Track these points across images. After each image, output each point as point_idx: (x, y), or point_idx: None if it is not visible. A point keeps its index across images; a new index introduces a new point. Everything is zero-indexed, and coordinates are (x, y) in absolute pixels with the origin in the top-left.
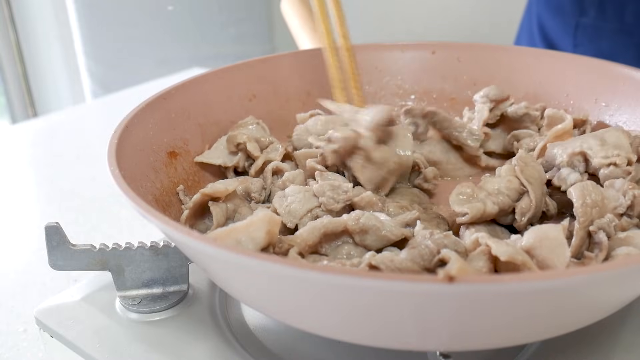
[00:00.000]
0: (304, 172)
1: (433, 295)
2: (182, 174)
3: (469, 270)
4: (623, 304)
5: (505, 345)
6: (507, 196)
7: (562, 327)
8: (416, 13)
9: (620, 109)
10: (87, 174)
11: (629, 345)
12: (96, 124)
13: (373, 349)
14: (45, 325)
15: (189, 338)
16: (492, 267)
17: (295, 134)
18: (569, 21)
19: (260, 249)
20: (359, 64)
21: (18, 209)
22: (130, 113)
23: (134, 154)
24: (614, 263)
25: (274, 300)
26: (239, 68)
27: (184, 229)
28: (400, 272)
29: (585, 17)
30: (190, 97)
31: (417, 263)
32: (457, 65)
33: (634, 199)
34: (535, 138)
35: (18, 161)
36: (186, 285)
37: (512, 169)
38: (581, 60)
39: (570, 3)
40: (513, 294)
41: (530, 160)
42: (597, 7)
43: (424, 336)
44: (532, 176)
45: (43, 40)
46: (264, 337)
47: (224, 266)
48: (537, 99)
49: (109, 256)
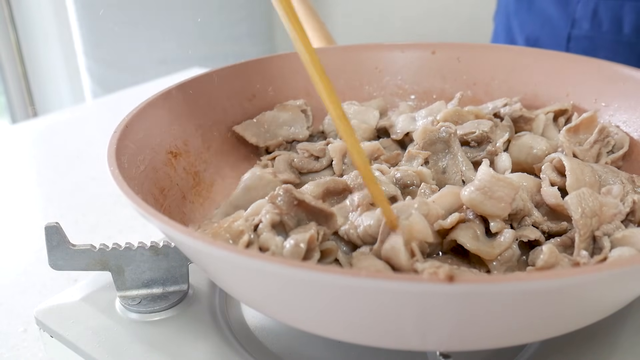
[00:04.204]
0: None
1: (433, 295)
2: (182, 174)
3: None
4: (623, 304)
5: (505, 345)
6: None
7: (562, 327)
8: (416, 13)
9: (620, 109)
10: (87, 174)
11: (629, 345)
12: (96, 124)
13: (373, 349)
14: (45, 325)
15: (189, 338)
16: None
17: (326, 119)
18: (560, 33)
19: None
20: (359, 64)
21: (18, 209)
22: (130, 113)
23: (134, 154)
24: (614, 263)
25: (274, 300)
26: (239, 68)
27: (184, 229)
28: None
29: (577, 29)
30: (190, 97)
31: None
32: (457, 65)
33: (633, 205)
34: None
35: (18, 161)
36: (186, 285)
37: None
38: (581, 60)
39: (559, 16)
40: (513, 294)
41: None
42: (591, 19)
43: (424, 336)
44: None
45: (43, 40)
46: (264, 337)
47: (224, 266)
48: (537, 99)
49: (109, 256)
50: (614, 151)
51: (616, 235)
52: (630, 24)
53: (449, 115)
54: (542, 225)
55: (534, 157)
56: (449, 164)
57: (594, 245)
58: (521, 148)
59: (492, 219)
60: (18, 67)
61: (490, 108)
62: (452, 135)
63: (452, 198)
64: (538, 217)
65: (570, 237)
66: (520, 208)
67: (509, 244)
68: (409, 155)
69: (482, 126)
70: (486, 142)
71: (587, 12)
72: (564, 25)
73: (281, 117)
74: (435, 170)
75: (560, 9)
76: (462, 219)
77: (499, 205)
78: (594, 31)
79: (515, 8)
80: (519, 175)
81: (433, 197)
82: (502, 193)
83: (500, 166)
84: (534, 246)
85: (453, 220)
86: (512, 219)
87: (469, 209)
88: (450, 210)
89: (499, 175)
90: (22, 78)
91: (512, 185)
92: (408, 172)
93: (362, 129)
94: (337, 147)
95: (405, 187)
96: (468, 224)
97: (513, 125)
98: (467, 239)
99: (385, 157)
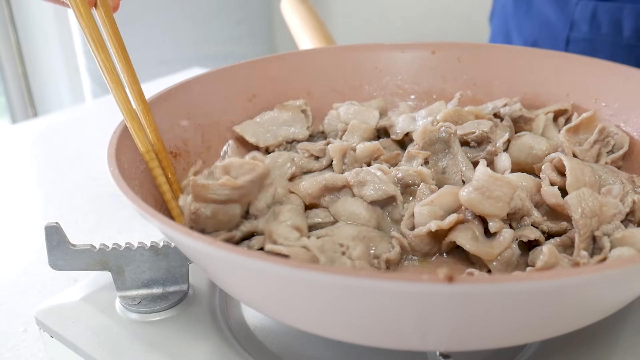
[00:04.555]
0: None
1: (433, 295)
2: (182, 174)
3: None
4: (623, 304)
5: (505, 345)
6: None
7: (562, 327)
8: (416, 13)
9: (620, 109)
10: (87, 174)
11: (629, 345)
12: (96, 124)
13: (373, 349)
14: (45, 325)
15: (189, 338)
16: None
17: (326, 119)
18: (558, 35)
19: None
20: (359, 64)
21: (18, 209)
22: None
23: (134, 154)
24: (614, 263)
25: (274, 300)
26: (239, 68)
27: (184, 229)
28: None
29: (576, 31)
30: (190, 97)
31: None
32: (457, 65)
33: (633, 205)
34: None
35: (18, 161)
36: (186, 285)
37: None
38: (581, 60)
39: (558, 18)
40: (513, 294)
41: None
42: (590, 22)
43: (424, 336)
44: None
45: (43, 40)
46: (264, 337)
47: (224, 266)
48: (537, 99)
49: (109, 256)
50: (614, 151)
51: (616, 235)
52: (629, 26)
53: (449, 115)
54: (542, 225)
55: (534, 157)
56: (449, 164)
57: (594, 245)
58: (521, 148)
59: (490, 218)
60: (18, 67)
61: (490, 108)
62: (452, 135)
63: (451, 198)
64: (538, 217)
65: (570, 237)
66: (519, 207)
67: (508, 243)
68: (409, 155)
69: (482, 126)
70: (486, 142)
71: (586, 15)
72: (563, 28)
73: (281, 117)
74: (435, 170)
75: (559, 11)
76: (461, 220)
77: (497, 205)
78: (593, 34)
79: (513, 10)
80: (519, 175)
81: (432, 197)
82: (500, 192)
83: (500, 166)
84: (534, 246)
85: (451, 221)
86: (511, 218)
87: (467, 209)
88: (449, 210)
89: (497, 175)
90: (22, 78)
91: (509, 184)
92: (410, 172)
93: (362, 129)
94: (337, 147)
95: (407, 186)
96: (467, 225)
97: (513, 125)
98: (467, 240)
99: (385, 157)
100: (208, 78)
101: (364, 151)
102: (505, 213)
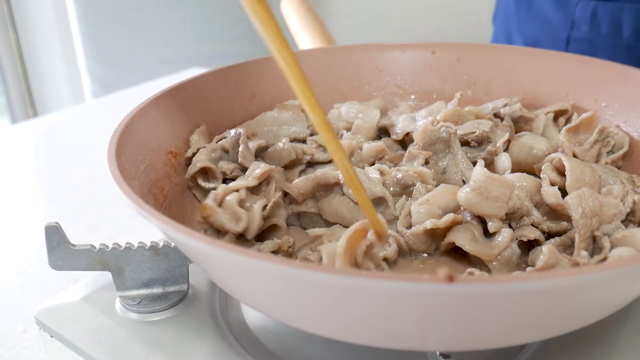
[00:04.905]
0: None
1: (433, 295)
2: (182, 173)
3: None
4: (623, 304)
5: (505, 345)
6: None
7: (562, 327)
8: (416, 13)
9: (620, 109)
10: (87, 174)
11: (629, 345)
12: (96, 124)
13: (373, 349)
14: (45, 325)
15: (189, 338)
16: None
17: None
18: (559, 35)
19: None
20: (359, 64)
21: (18, 209)
22: (130, 113)
23: (134, 154)
24: (614, 263)
25: (274, 300)
26: (239, 68)
27: (184, 229)
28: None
29: (576, 31)
30: (190, 97)
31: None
32: (457, 65)
33: (633, 205)
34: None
35: (18, 161)
36: (186, 285)
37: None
38: (581, 60)
39: (558, 18)
40: (513, 294)
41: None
42: (590, 21)
43: (424, 336)
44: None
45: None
46: (264, 337)
47: (224, 266)
48: (537, 99)
49: (109, 256)
50: (614, 151)
51: (616, 235)
52: (630, 26)
53: (449, 115)
54: (542, 225)
55: (534, 157)
56: (449, 164)
57: (594, 245)
58: (521, 148)
59: (489, 219)
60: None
61: (490, 108)
62: (452, 135)
63: (448, 197)
64: (537, 216)
65: (570, 237)
66: (518, 207)
67: (508, 243)
68: (409, 155)
69: (482, 126)
70: (486, 142)
71: (586, 14)
72: (563, 27)
73: (281, 117)
74: (435, 170)
75: (559, 11)
76: (458, 220)
77: (495, 205)
78: (593, 33)
79: (515, 10)
80: (519, 175)
81: (428, 196)
82: (497, 192)
83: (500, 166)
84: (534, 246)
85: (447, 220)
86: (511, 218)
87: (466, 210)
88: (447, 209)
89: (494, 175)
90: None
91: (507, 184)
92: (409, 173)
93: (365, 128)
94: (346, 145)
95: (407, 187)
96: (466, 225)
97: (513, 125)
98: (466, 241)
99: (389, 157)
100: (208, 78)
101: (370, 151)
102: (503, 213)
